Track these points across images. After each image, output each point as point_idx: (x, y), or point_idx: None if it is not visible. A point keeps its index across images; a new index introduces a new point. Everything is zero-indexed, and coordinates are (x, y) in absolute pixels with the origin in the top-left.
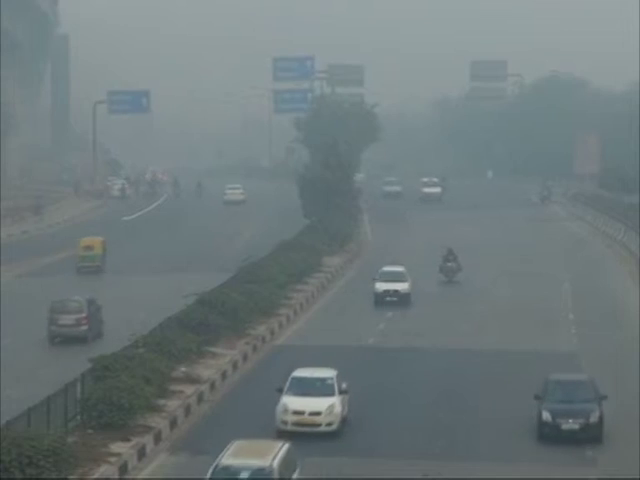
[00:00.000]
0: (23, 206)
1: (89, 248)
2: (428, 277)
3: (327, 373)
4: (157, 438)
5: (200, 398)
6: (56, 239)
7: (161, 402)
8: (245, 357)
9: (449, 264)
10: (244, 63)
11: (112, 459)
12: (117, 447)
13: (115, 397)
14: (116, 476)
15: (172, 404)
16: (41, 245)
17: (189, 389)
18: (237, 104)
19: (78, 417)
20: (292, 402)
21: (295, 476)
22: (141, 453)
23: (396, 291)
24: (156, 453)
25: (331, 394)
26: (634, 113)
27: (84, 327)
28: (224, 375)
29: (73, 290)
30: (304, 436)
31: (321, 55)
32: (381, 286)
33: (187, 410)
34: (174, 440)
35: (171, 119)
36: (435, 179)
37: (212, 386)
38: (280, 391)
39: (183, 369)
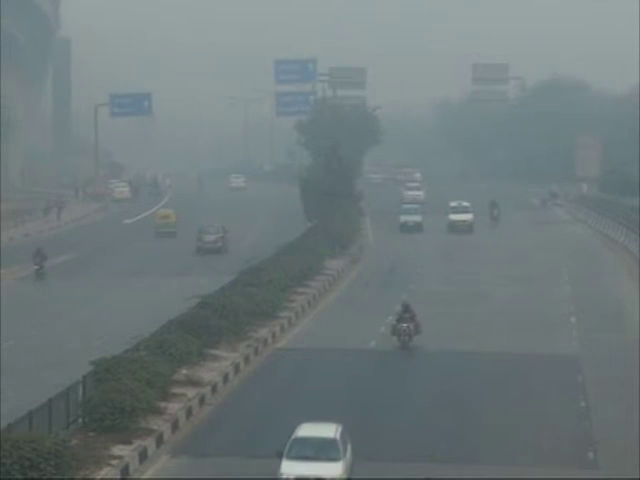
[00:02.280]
0: (24, 209)
1: (165, 217)
2: (428, 277)
3: None
4: (159, 441)
5: (202, 401)
6: (58, 241)
7: (162, 405)
8: (247, 360)
9: (404, 325)
10: (246, 66)
11: (114, 462)
12: (119, 450)
13: (117, 400)
14: (118, 478)
15: (173, 407)
16: (45, 248)
17: (191, 392)
18: (239, 107)
19: (80, 420)
20: None
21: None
22: (143, 456)
23: None
24: (158, 456)
25: None
26: (635, 115)
27: (220, 243)
28: (226, 378)
29: (70, 295)
30: None
31: (323, 58)
32: (291, 470)
33: (189, 413)
34: (175, 443)
35: (173, 122)
36: (466, 204)
37: (214, 389)
38: None
39: (184, 372)
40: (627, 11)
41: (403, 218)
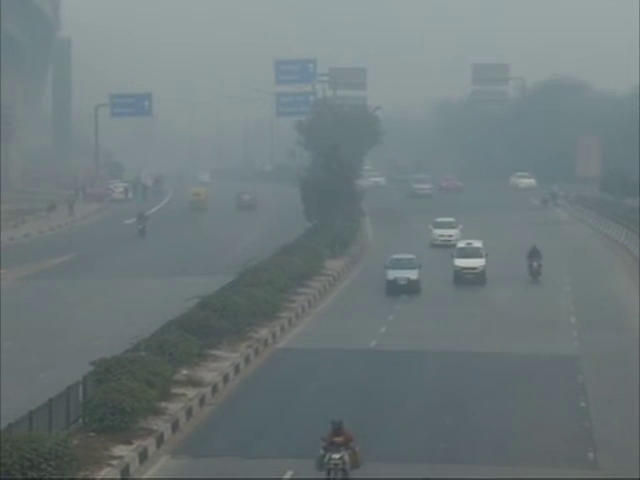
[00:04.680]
0: (24, 209)
1: (198, 195)
2: (428, 278)
3: None
4: (159, 441)
5: (202, 401)
6: (59, 242)
7: (163, 405)
8: (247, 360)
9: (335, 457)
10: (246, 66)
11: (114, 462)
12: (119, 450)
13: (117, 400)
14: (118, 479)
15: (174, 407)
16: (45, 247)
17: (191, 392)
18: (239, 107)
19: (80, 420)
20: None
21: None
22: (143, 456)
23: None
24: (158, 456)
25: None
26: (635, 116)
27: (254, 201)
28: (226, 378)
29: (70, 290)
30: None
31: (323, 58)
32: None
33: (189, 413)
34: (176, 443)
35: (173, 122)
36: (477, 244)
37: (214, 389)
38: None
39: (185, 372)
40: (627, 11)
41: (391, 274)
